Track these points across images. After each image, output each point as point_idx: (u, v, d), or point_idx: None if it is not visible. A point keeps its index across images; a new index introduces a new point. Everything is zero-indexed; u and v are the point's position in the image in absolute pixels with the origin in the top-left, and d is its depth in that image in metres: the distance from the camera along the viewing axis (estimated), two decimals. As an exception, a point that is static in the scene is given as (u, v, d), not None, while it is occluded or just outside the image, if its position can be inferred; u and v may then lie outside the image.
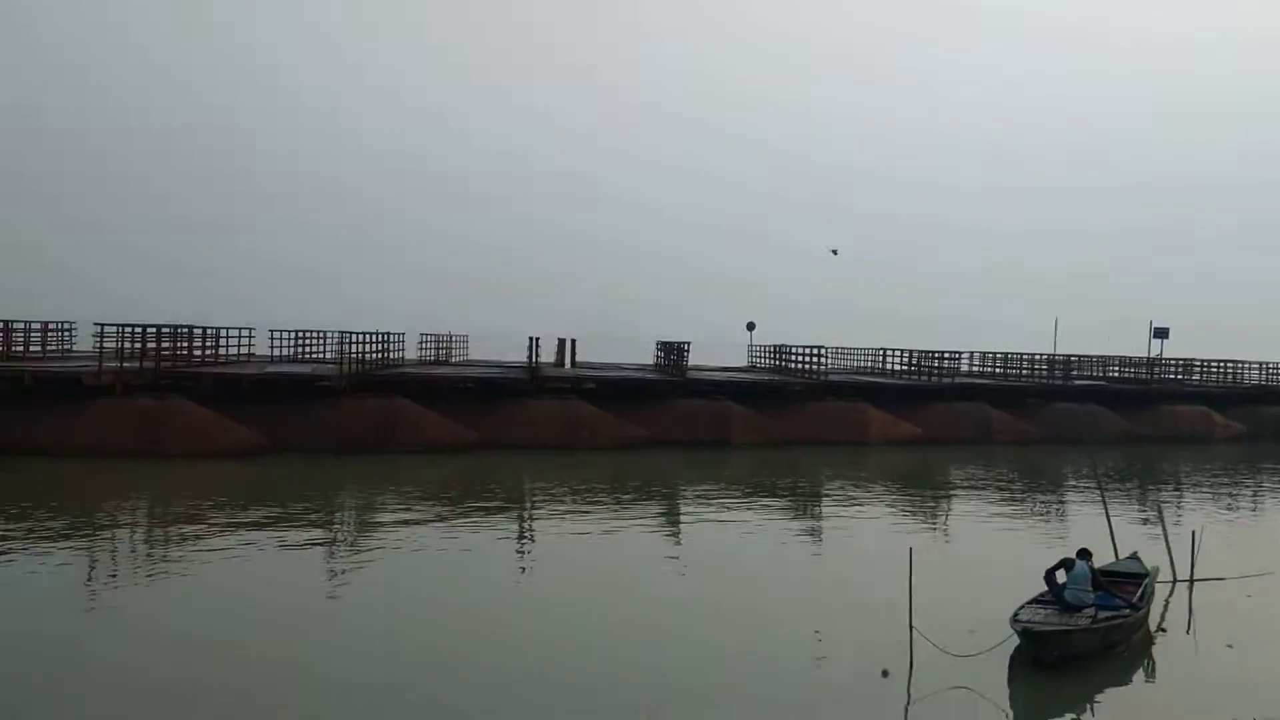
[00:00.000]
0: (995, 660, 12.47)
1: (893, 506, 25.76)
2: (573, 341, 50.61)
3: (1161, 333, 51.41)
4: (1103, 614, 13.32)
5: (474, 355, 52.66)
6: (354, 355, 33.02)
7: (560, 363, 48.00)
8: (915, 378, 46.27)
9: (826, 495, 27.69)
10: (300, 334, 41.75)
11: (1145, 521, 22.95)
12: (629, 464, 31.33)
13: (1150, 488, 31.67)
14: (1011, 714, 11.45)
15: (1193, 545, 17.21)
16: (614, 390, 38.15)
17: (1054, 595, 13.71)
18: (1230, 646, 13.94)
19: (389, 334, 38.40)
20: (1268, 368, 52.84)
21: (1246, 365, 52.70)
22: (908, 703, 11.52)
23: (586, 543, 19.87)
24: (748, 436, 37.28)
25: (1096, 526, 18.63)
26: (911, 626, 12.35)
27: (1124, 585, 15.11)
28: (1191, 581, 17.05)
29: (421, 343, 44.45)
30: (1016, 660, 12.55)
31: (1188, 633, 15.05)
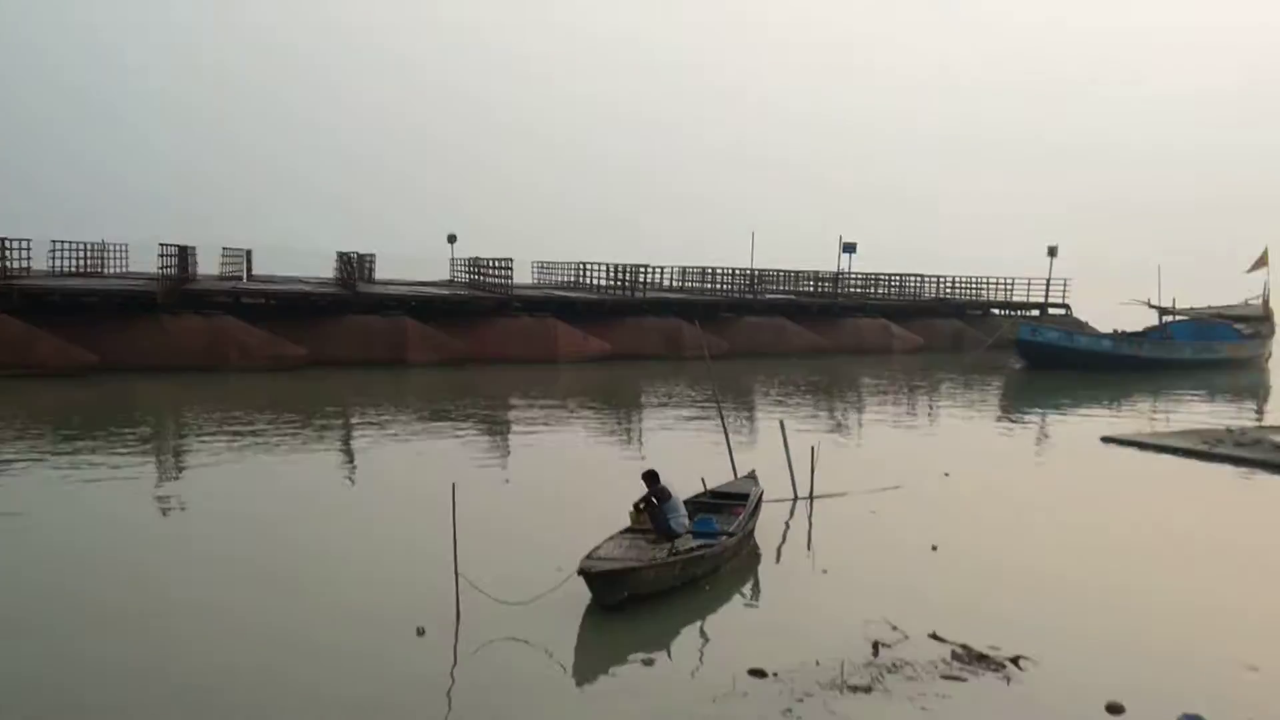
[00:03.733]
0: (571, 603, 10.96)
1: (537, 430, 24.33)
2: (247, 253, 46.48)
3: (849, 248, 52.52)
4: (693, 543, 12.10)
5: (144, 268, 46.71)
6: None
7: (229, 275, 43.89)
8: (612, 292, 45.16)
9: (472, 417, 25.95)
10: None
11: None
12: (282, 387, 28.54)
13: (800, 402, 31.81)
14: (567, 664, 9.94)
15: (812, 460, 16.45)
16: (274, 306, 34.90)
17: (654, 525, 12.34)
18: (825, 572, 13.08)
19: (4, 240, 33.08)
20: (943, 282, 55.26)
21: (925, 279, 54.88)
22: (454, 663, 9.79)
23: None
24: (426, 355, 35.11)
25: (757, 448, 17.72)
26: (457, 574, 10.60)
27: (733, 508, 14.09)
28: (811, 499, 16.33)
29: (54, 251, 38.89)
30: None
31: (808, 552, 14.25)
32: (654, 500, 12.26)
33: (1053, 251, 53.70)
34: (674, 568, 11.36)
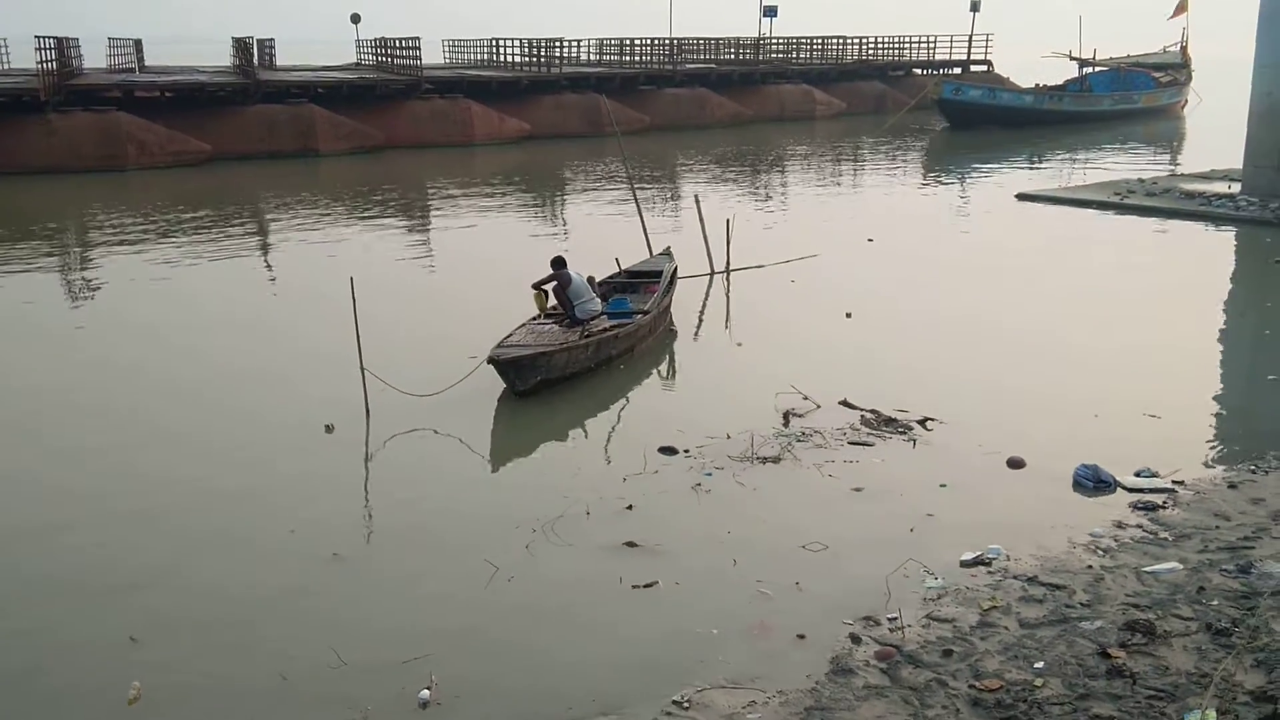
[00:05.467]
0: (484, 392, 10.85)
1: (452, 219, 23.78)
2: (137, 43, 43.83)
3: (770, 11, 50.72)
4: (607, 324, 11.97)
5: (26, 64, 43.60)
6: None
7: (120, 68, 41.42)
8: (528, 69, 43.46)
9: (384, 208, 25.24)
10: None
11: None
12: (186, 185, 27.39)
13: (721, 174, 31.40)
14: (483, 451, 9.92)
15: (727, 233, 16.25)
16: (170, 99, 33.10)
17: (565, 311, 12.14)
18: (740, 345, 13.12)
19: None
20: (865, 43, 54.02)
21: (847, 40, 53.57)
22: (367, 455, 9.71)
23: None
24: (337, 144, 33.81)
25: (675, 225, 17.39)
26: (363, 368, 10.39)
27: (648, 286, 13.93)
28: (728, 273, 16.24)
29: None
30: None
31: (724, 327, 14.23)
32: (559, 287, 12.03)
33: (975, 6, 52.45)
34: (586, 350, 11.24)
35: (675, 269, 14.42)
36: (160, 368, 12.21)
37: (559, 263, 12.16)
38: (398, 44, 40.81)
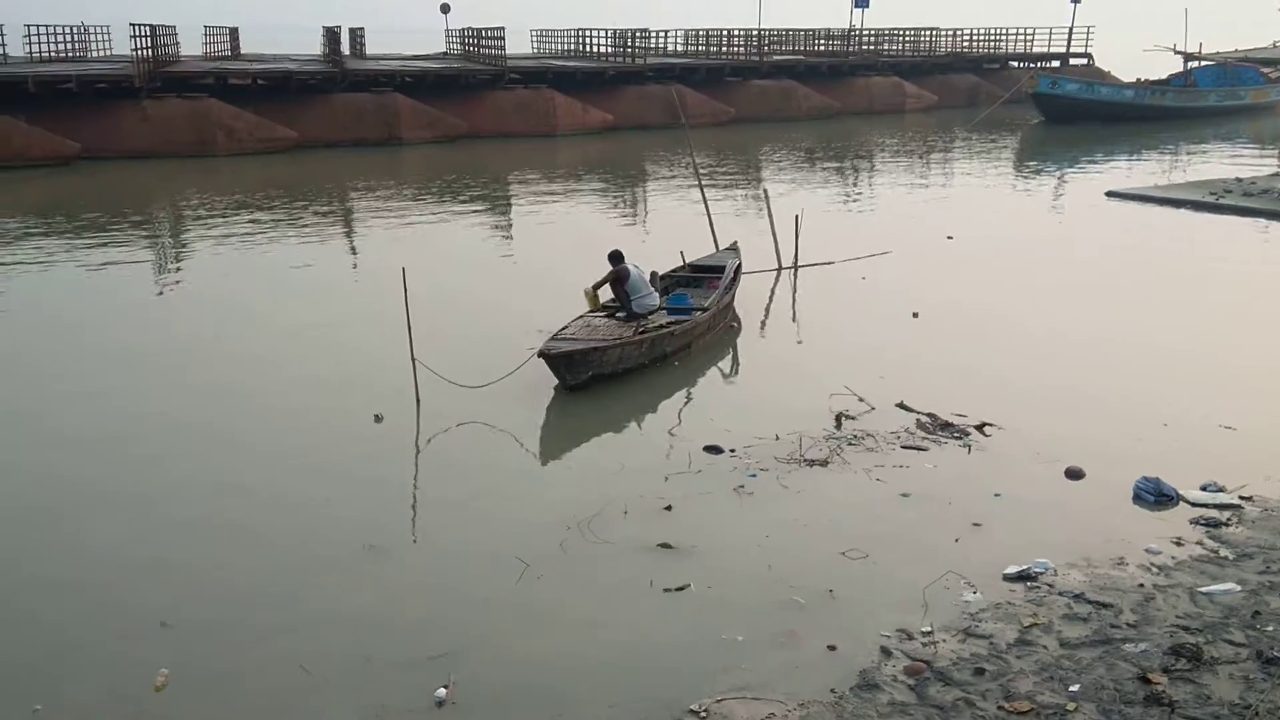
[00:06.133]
0: (539, 384, 10.81)
1: (528, 208, 23.84)
2: (233, 30, 44.76)
3: (862, 2, 49.80)
4: (664, 319, 11.86)
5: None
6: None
7: (215, 55, 42.37)
8: (613, 60, 43.43)
9: (463, 197, 25.41)
10: None
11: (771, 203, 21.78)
12: (271, 172, 27.99)
13: (803, 167, 30.97)
14: (529, 444, 9.87)
15: (796, 228, 15.97)
16: (261, 87, 33.76)
17: (622, 305, 12.05)
18: (800, 343, 12.88)
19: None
20: (959, 35, 52.85)
21: (940, 32, 52.47)
22: (414, 446, 9.74)
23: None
24: (420, 133, 34.15)
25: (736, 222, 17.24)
26: (414, 359, 10.41)
27: (711, 281, 13.77)
28: (795, 269, 15.97)
29: (29, 36, 37.02)
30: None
31: (787, 324, 14.01)
32: (617, 281, 11.92)
33: (1076, -5, 50.92)
34: (640, 346, 11.12)
35: (740, 264, 14.22)
36: (215, 354, 12.41)
37: (617, 256, 12.06)
38: (484, 34, 41.07)
